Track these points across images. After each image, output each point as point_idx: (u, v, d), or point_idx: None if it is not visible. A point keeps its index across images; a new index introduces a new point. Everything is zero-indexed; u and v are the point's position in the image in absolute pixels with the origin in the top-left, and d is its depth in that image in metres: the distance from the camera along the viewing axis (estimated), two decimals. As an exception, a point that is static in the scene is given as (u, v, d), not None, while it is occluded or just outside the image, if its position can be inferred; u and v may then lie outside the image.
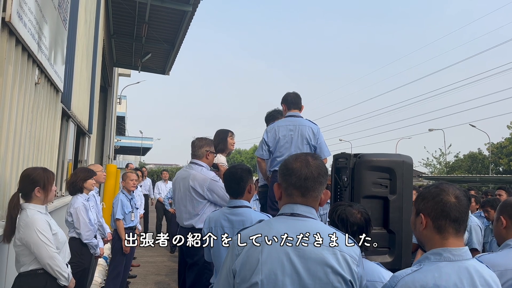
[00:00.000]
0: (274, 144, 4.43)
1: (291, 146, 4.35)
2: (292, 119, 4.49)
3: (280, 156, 4.40)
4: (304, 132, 4.37)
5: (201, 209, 3.83)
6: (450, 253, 1.64)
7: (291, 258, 1.63)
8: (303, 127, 4.39)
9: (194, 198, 3.83)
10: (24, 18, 3.14)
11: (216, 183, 3.83)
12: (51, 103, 4.70)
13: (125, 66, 15.51)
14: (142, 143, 39.17)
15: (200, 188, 3.81)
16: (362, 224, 2.24)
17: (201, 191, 3.81)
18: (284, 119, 4.56)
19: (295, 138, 4.36)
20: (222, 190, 3.75)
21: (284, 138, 4.39)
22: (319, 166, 1.76)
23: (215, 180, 3.86)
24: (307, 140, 4.37)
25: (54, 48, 4.41)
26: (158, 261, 8.65)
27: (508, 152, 34.66)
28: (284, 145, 4.38)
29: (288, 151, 4.32)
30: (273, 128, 4.49)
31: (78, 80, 6.50)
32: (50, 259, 2.85)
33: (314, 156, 1.81)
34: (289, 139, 4.37)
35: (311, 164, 1.75)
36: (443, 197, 1.68)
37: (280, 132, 4.41)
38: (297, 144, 4.35)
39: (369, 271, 2.15)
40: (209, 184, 3.81)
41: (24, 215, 2.86)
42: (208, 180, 3.82)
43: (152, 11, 9.78)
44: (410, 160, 3.18)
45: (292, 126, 4.40)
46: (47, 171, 3.05)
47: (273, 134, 4.44)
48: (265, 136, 4.50)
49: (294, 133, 4.37)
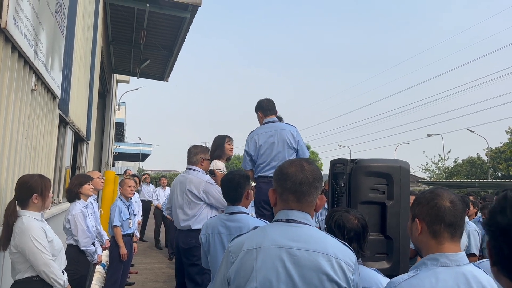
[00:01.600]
0: (256, 152, 4.46)
1: (272, 151, 4.38)
2: (270, 125, 4.52)
3: (263, 163, 4.45)
4: (284, 136, 4.39)
5: (197, 211, 3.97)
6: (447, 258, 1.62)
7: (286, 265, 1.62)
8: (283, 131, 4.42)
9: (191, 200, 3.99)
10: (20, 24, 3.14)
11: (211, 185, 4.02)
12: (48, 110, 4.69)
13: (124, 72, 15.52)
14: (141, 149, 39.19)
15: (196, 190, 3.98)
16: (359, 230, 2.23)
17: (197, 193, 3.97)
18: (262, 126, 4.58)
19: (276, 143, 4.38)
20: (217, 192, 3.91)
21: (265, 145, 4.41)
22: (314, 170, 1.76)
23: (210, 182, 4.04)
24: (287, 143, 4.38)
25: (51, 55, 4.41)
26: (156, 268, 8.61)
27: (506, 157, 34.69)
28: (265, 151, 4.41)
29: (270, 157, 4.38)
30: (253, 137, 4.52)
31: (76, 86, 6.50)
32: (46, 266, 2.84)
33: (308, 161, 1.81)
34: (270, 145, 4.40)
35: (306, 169, 1.75)
36: (437, 201, 1.67)
37: (260, 139, 4.44)
38: (278, 149, 4.37)
39: (366, 278, 2.14)
40: (204, 186, 3.99)
41: (20, 222, 2.85)
42: (203, 183, 4.01)
43: (151, 17, 9.81)
44: (407, 165, 3.17)
45: (272, 132, 4.43)
46: (44, 178, 3.04)
47: (254, 143, 4.48)
48: (246, 147, 4.56)
49: (274, 138, 4.39)
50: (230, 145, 4.97)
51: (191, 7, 9.18)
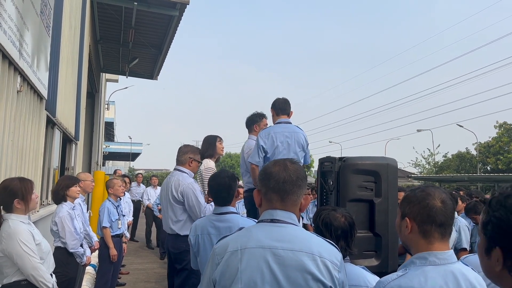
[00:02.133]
0: (272, 150, 4.37)
1: (289, 152, 4.34)
2: (285, 125, 4.48)
3: None
4: (299, 139, 4.40)
5: (180, 215, 3.87)
6: (436, 257, 1.62)
7: (271, 266, 1.62)
8: (298, 134, 4.42)
9: (173, 204, 3.90)
10: (3, 25, 3.10)
11: (191, 190, 3.87)
12: (35, 111, 4.64)
13: (113, 71, 15.40)
14: (132, 148, 38.96)
15: (176, 192, 3.88)
16: (346, 228, 2.24)
17: (177, 195, 3.87)
18: (278, 125, 4.50)
19: (292, 145, 4.36)
20: (194, 199, 3.82)
21: (282, 145, 4.37)
22: (297, 170, 1.77)
23: (190, 187, 3.89)
24: (302, 146, 4.41)
25: (37, 55, 4.36)
26: (147, 268, 8.57)
27: (495, 151, 35.09)
28: (282, 151, 4.36)
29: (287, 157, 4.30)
30: (269, 134, 4.40)
31: (63, 86, 6.44)
32: (34, 270, 2.81)
33: (292, 161, 1.82)
34: (287, 145, 4.36)
35: (289, 168, 1.76)
36: (429, 201, 1.66)
37: (278, 138, 4.37)
38: (295, 150, 4.37)
39: (354, 276, 2.14)
40: (183, 189, 3.86)
41: (6, 226, 2.82)
42: (183, 185, 3.88)
43: (139, 16, 9.74)
44: (395, 162, 3.19)
45: (288, 133, 4.40)
46: (24, 180, 2.99)
47: (271, 140, 4.37)
48: (262, 143, 4.38)
49: (291, 140, 4.37)
50: (221, 145, 4.96)
51: (179, 5, 9.13)
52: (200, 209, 3.83)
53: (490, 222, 1.06)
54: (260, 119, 5.02)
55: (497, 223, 1.04)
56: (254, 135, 4.85)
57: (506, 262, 1.01)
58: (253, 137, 4.92)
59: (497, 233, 1.04)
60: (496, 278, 1.06)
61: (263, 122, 5.01)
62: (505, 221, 1.03)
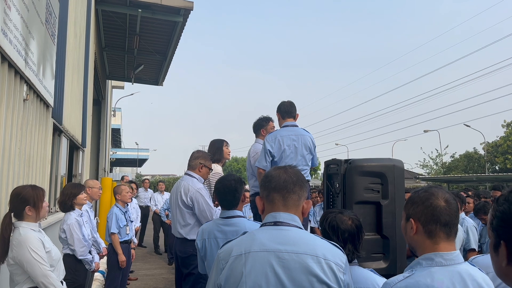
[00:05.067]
0: (279, 154, 4.35)
1: (296, 155, 4.33)
2: (291, 128, 4.46)
3: None
4: (306, 142, 4.38)
5: (188, 219, 3.88)
6: (442, 257, 1.61)
7: (275, 269, 1.62)
8: (304, 137, 4.40)
9: (182, 208, 3.90)
10: (9, 34, 3.13)
11: (200, 195, 3.87)
12: (42, 119, 4.68)
13: (118, 78, 15.50)
14: (138, 154, 39.10)
15: (185, 197, 3.88)
16: (353, 231, 2.22)
17: (186, 200, 3.87)
18: (285, 128, 4.48)
19: (299, 148, 4.35)
20: (204, 204, 3.82)
21: (289, 148, 4.35)
22: (297, 172, 1.84)
23: (200, 192, 3.89)
24: (309, 149, 4.39)
25: (43, 64, 4.39)
26: (156, 273, 8.58)
27: (503, 151, 34.81)
28: (290, 155, 4.35)
29: (295, 161, 4.30)
30: (276, 138, 4.38)
31: (69, 94, 6.48)
32: (44, 278, 2.82)
33: (291, 166, 1.90)
34: (294, 149, 4.35)
35: (289, 171, 1.84)
36: (432, 201, 1.66)
37: (285, 142, 4.35)
38: (302, 153, 4.35)
39: (362, 279, 2.13)
40: (193, 194, 3.86)
41: (17, 234, 2.84)
42: (193, 190, 3.88)
43: (143, 23, 9.81)
44: (401, 164, 3.17)
45: (295, 136, 4.38)
46: (36, 188, 3.02)
47: (278, 144, 4.35)
48: (269, 147, 4.35)
49: (298, 143, 4.36)
50: (228, 149, 4.97)
51: (183, 11, 9.19)
52: (211, 213, 3.84)
53: (496, 216, 1.08)
54: (267, 123, 5.01)
55: (501, 216, 1.06)
56: (262, 139, 4.84)
57: (510, 257, 1.01)
58: (259, 140, 4.92)
59: (501, 227, 1.05)
60: (504, 276, 1.06)
61: (269, 126, 5.00)
62: (508, 215, 1.04)
